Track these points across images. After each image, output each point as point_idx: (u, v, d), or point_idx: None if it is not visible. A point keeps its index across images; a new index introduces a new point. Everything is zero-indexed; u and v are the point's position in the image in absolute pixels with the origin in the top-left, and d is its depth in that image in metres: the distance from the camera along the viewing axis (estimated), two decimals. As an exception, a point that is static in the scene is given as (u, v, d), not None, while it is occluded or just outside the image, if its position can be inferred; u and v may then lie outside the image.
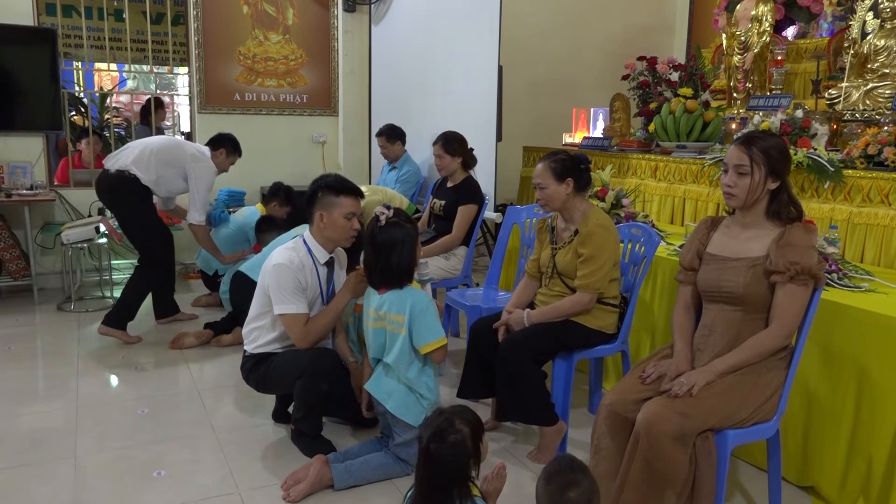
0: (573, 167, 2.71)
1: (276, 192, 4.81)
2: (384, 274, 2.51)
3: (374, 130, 5.73)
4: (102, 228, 4.67)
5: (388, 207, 2.51)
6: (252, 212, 4.79)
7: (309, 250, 2.74)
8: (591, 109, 5.38)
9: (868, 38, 4.05)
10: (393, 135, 4.88)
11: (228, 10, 5.61)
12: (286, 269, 2.64)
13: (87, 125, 5.93)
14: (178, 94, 7.24)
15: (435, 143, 3.98)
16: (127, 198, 3.99)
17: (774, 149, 2.10)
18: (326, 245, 2.77)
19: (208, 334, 4.03)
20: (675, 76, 4.57)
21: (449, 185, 4.05)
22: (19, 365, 3.68)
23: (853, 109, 3.92)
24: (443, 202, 4.01)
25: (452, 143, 3.95)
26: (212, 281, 4.78)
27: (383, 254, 2.48)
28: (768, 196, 2.13)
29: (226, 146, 4.29)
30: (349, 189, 2.74)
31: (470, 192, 3.94)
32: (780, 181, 2.12)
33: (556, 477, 1.67)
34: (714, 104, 4.29)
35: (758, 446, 2.54)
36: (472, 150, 4.05)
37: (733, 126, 4.17)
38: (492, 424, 2.89)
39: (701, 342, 2.21)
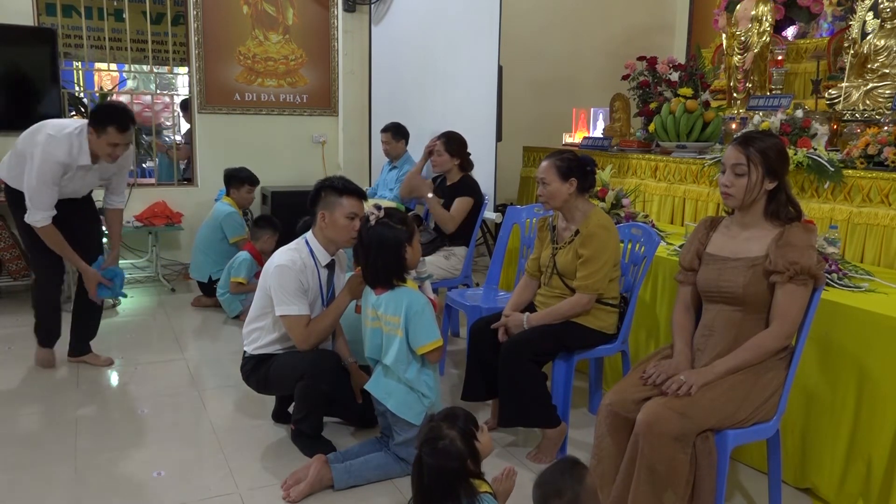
0: (578, 168, 2.71)
1: (228, 180, 4.89)
2: (373, 274, 2.51)
3: (375, 130, 5.75)
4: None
5: (379, 208, 2.51)
6: (220, 207, 4.82)
7: (311, 251, 2.74)
8: (591, 109, 5.37)
9: (868, 38, 4.05)
10: (398, 133, 4.90)
11: (228, 10, 5.61)
12: (288, 270, 2.64)
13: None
14: (178, 94, 7.23)
15: (437, 139, 4.01)
16: (9, 209, 3.43)
17: (772, 149, 2.10)
18: (328, 246, 2.77)
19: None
20: (675, 76, 4.57)
21: (447, 184, 4.06)
22: (19, 365, 3.68)
23: (853, 109, 3.92)
24: (442, 201, 4.02)
25: (453, 143, 3.98)
26: (208, 287, 4.78)
27: (371, 253, 2.49)
28: (766, 196, 2.13)
29: (92, 123, 3.18)
30: (352, 190, 2.74)
31: (467, 187, 3.98)
32: (778, 181, 2.11)
33: (544, 485, 1.67)
34: (714, 104, 4.29)
35: (757, 448, 2.55)
36: (469, 154, 4.07)
37: (733, 126, 4.17)
38: (492, 424, 2.88)
39: (701, 342, 2.21)
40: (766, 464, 2.32)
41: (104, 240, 3.77)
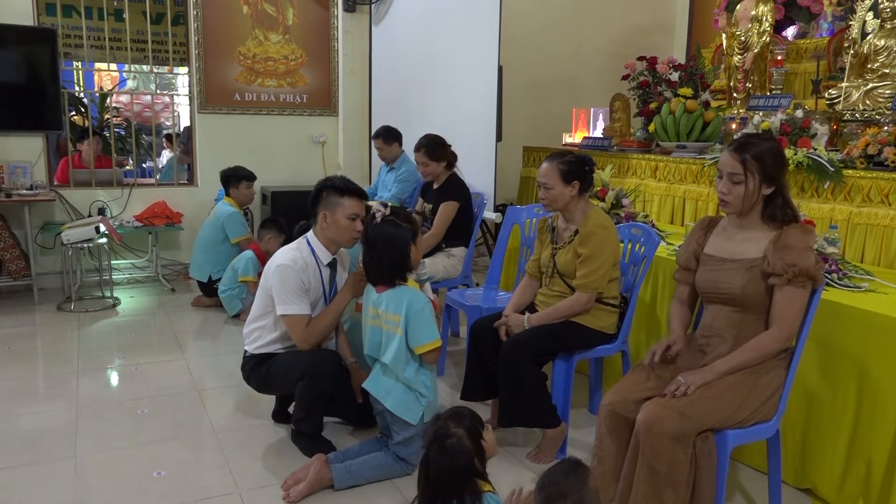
0: (580, 170, 2.71)
1: (227, 180, 4.87)
2: (377, 271, 2.51)
3: (375, 130, 5.74)
4: (102, 228, 4.68)
5: (385, 205, 2.52)
6: (222, 207, 4.82)
7: (312, 251, 2.74)
8: (591, 109, 5.37)
9: (868, 38, 4.05)
10: (389, 136, 4.88)
11: (228, 10, 5.61)
12: (290, 269, 2.64)
13: (87, 125, 5.93)
14: (178, 94, 7.23)
15: (417, 151, 3.94)
16: None
17: (768, 154, 2.08)
18: (329, 246, 2.77)
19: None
20: (675, 76, 4.57)
21: (435, 186, 4.03)
22: (19, 365, 3.68)
23: (853, 109, 3.92)
24: (430, 205, 4.01)
25: (435, 149, 3.91)
26: (208, 287, 4.78)
27: (375, 251, 2.49)
28: (763, 200, 2.12)
29: None
30: (353, 190, 2.73)
31: (451, 190, 3.93)
32: (775, 185, 2.11)
33: (547, 486, 1.67)
34: (714, 104, 4.29)
35: (758, 448, 2.54)
36: (450, 146, 4.03)
37: (733, 126, 4.17)
38: (492, 424, 2.88)
39: (701, 344, 2.21)
40: (766, 464, 2.32)
41: None
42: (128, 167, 6.38)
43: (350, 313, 2.93)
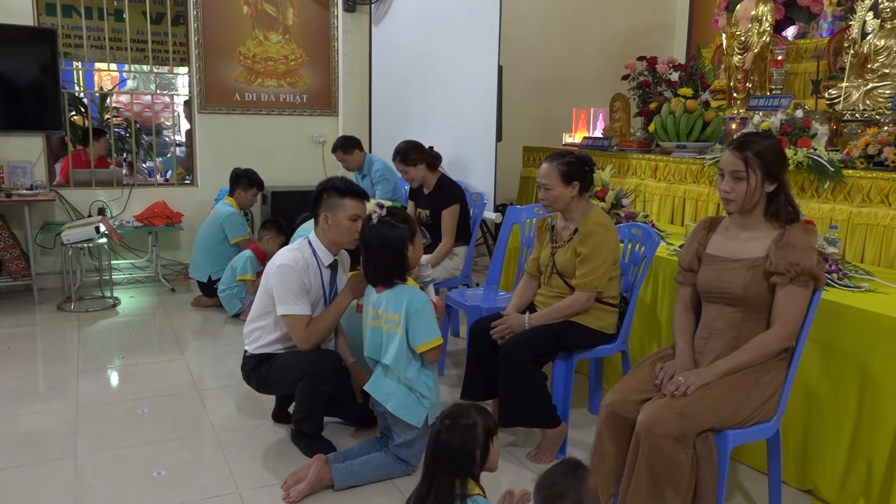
0: (580, 170, 2.71)
1: (237, 179, 4.85)
2: (375, 272, 2.52)
3: (375, 130, 5.74)
4: (102, 228, 4.68)
5: (381, 206, 2.51)
6: (221, 207, 4.81)
7: (314, 252, 2.74)
8: (591, 109, 5.37)
9: (868, 38, 4.05)
10: (347, 145, 4.88)
11: (228, 10, 5.61)
12: (290, 269, 2.64)
13: (87, 125, 5.93)
14: (178, 94, 7.23)
15: (394, 160, 3.97)
16: None
17: (769, 151, 2.09)
18: (331, 247, 2.77)
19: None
20: (675, 76, 4.57)
21: (426, 191, 4.02)
22: (19, 365, 3.68)
23: (853, 109, 3.92)
24: (427, 211, 4.00)
25: (410, 154, 3.91)
26: (208, 287, 4.78)
27: (372, 252, 2.49)
28: (766, 198, 2.12)
29: None
30: (354, 191, 2.73)
31: (448, 194, 3.93)
32: (777, 183, 2.11)
33: (546, 487, 1.66)
34: (714, 104, 4.28)
35: (758, 449, 2.54)
36: (431, 148, 4.02)
37: (733, 126, 4.17)
38: (492, 424, 2.88)
39: (700, 344, 2.20)
40: (767, 464, 2.32)
41: None
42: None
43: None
